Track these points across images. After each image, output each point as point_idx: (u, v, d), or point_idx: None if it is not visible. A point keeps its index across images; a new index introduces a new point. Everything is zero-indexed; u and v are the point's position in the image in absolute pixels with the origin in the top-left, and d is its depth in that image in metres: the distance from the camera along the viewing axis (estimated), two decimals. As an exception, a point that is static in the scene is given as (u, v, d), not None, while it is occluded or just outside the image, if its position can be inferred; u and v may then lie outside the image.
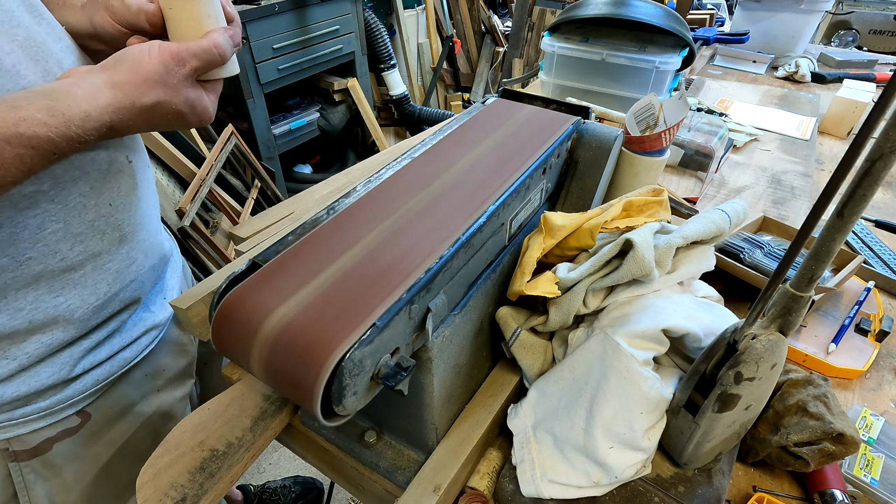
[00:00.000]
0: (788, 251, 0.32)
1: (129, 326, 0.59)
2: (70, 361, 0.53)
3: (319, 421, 0.32)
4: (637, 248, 0.44)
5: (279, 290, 0.36)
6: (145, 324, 0.61)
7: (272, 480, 1.25)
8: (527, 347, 0.50)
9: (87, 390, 0.55)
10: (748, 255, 0.67)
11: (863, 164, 0.27)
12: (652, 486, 0.45)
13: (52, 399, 0.53)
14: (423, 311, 0.38)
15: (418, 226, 0.42)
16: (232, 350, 0.36)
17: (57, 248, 0.48)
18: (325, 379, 0.31)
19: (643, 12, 0.99)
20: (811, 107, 1.32)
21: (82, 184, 0.48)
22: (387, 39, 2.58)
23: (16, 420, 0.52)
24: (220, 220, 1.69)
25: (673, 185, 0.96)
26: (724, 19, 2.00)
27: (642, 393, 0.43)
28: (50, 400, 0.53)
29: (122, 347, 0.58)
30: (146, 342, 0.62)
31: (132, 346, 0.59)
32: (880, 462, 0.50)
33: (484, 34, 3.22)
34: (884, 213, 0.91)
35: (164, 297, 0.64)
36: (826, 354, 0.62)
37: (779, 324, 0.37)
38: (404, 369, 0.34)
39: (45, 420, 0.54)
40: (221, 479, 0.45)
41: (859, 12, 2.82)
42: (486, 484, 0.47)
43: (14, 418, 0.51)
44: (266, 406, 0.52)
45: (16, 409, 0.51)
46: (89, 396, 0.56)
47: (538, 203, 0.56)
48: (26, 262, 0.46)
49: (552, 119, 0.60)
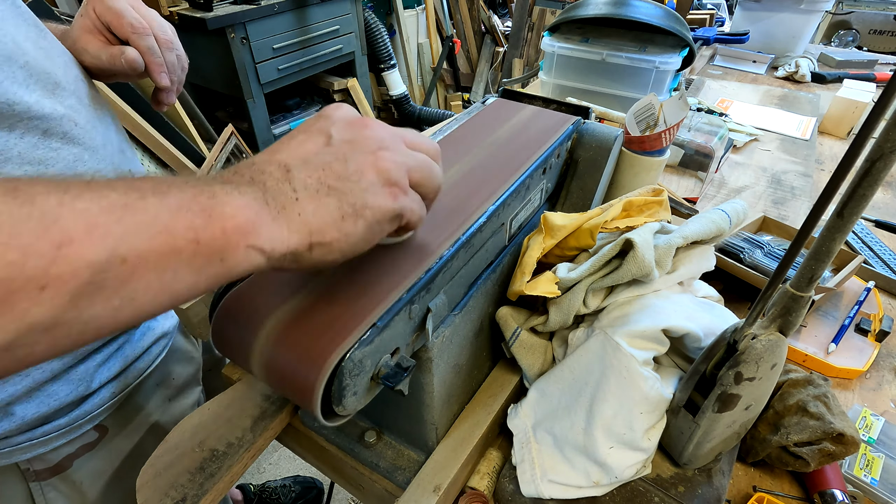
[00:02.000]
0: (788, 251, 0.32)
1: (138, 337, 0.59)
2: (87, 377, 0.53)
3: (319, 421, 0.32)
4: (637, 248, 0.44)
5: (279, 290, 0.36)
6: (153, 333, 0.61)
7: (272, 480, 1.25)
8: (527, 347, 0.50)
9: (104, 404, 0.55)
10: (748, 255, 0.67)
11: (863, 164, 0.27)
12: (652, 486, 0.45)
13: (71, 415, 0.52)
14: (424, 311, 0.38)
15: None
16: (232, 350, 0.36)
17: None
18: (325, 379, 0.31)
19: (643, 12, 0.99)
20: (811, 107, 1.32)
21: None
22: (387, 39, 2.59)
23: (36, 439, 0.51)
24: (220, 220, 1.68)
25: (673, 185, 0.96)
26: (724, 19, 2.00)
27: (642, 393, 0.43)
28: (69, 416, 0.52)
29: (135, 358, 0.58)
30: (156, 351, 0.61)
31: (144, 356, 0.59)
32: (880, 462, 0.50)
33: (484, 34, 3.22)
34: (884, 212, 0.91)
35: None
36: (826, 354, 0.61)
37: (779, 324, 0.36)
38: (404, 369, 0.34)
39: (65, 437, 0.53)
40: (221, 479, 0.46)
41: (859, 12, 2.82)
42: (487, 484, 0.47)
43: (34, 437, 0.51)
44: (266, 406, 0.52)
45: (36, 427, 0.51)
46: (106, 410, 0.56)
47: (538, 203, 0.56)
48: None
49: (552, 119, 0.60)
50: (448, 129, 0.58)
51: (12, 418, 0.48)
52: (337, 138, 0.30)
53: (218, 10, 1.77)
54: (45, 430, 0.51)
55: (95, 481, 0.58)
